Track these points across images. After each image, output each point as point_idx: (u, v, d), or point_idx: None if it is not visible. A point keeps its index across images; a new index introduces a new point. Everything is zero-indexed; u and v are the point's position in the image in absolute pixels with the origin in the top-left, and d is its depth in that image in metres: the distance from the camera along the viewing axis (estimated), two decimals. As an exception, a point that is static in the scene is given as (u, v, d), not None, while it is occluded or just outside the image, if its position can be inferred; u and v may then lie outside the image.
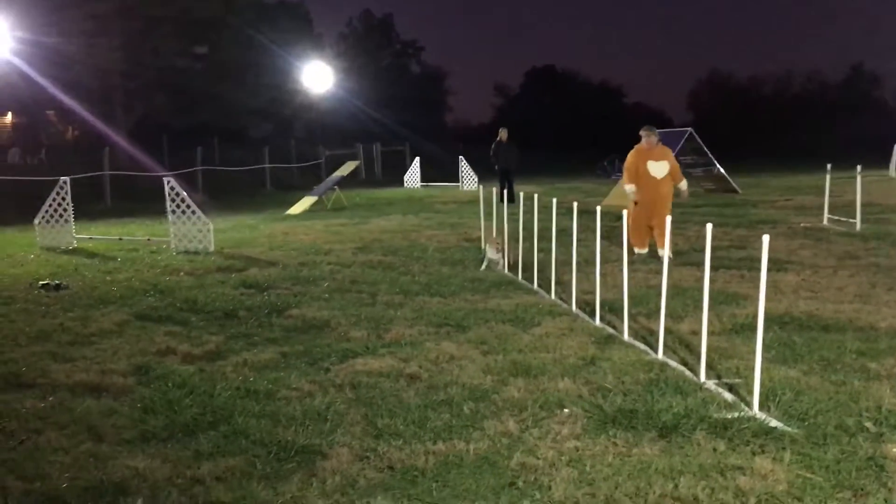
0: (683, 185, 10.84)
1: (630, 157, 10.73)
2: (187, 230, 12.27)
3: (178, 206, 12.28)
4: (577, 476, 3.77)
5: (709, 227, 5.24)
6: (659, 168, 10.47)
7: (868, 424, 4.27)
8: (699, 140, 20.63)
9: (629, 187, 10.60)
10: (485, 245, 9.50)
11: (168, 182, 12.39)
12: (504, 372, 5.44)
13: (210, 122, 37.59)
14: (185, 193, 12.37)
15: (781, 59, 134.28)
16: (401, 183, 31.79)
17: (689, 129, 20.84)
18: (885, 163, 29.63)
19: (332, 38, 61.72)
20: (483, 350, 6.05)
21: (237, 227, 16.36)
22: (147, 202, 19.38)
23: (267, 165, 31.25)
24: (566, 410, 4.60)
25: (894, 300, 7.43)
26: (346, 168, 23.30)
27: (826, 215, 14.13)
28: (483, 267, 9.32)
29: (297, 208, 20.05)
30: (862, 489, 3.55)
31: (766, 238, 4.53)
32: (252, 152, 32.73)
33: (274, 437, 4.34)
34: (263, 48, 39.68)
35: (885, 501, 3.43)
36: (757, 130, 61.89)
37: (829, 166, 14.75)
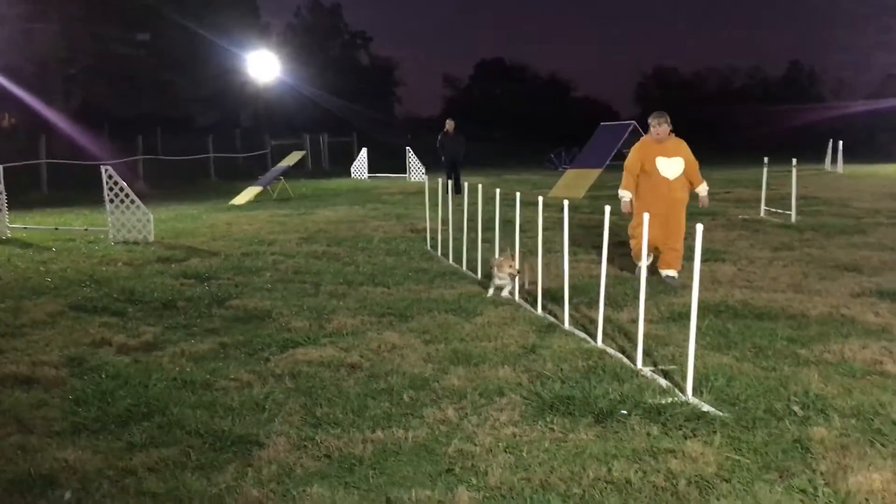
0: (703, 188, 8.37)
1: (633, 152, 8.28)
2: (126, 220, 12.00)
3: (116, 196, 12.00)
4: (514, 461, 3.81)
5: (645, 216, 5.33)
6: (672, 166, 8.04)
7: (796, 408, 4.40)
8: (642, 133, 20.92)
9: (624, 194, 8.25)
10: (493, 266, 7.60)
11: (106, 170, 12.09)
12: (445, 361, 5.46)
13: (154, 110, 36.79)
14: (123, 182, 12.10)
15: (724, 54, 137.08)
16: (348, 174, 31.61)
17: (633, 121, 21.12)
18: (822, 157, 30.51)
19: (279, 28, 60.91)
20: (425, 339, 6.06)
21: (179, 217, 16.07)
22: (86, 191, 18.90)
23: (211, 155, 30.75)
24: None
25: (825, 289, 7.66)
26: (293, 158, 23.06)
27: (763, 207, 14.49)
28: (490, 293, 7.54)
29: (242, 198, 19.77)
30: (787, 470, 3.66)
31: (699, 227, 4.61)
32: (197, 141, 32.15)
33: (210, 427, 4.29)
34: (208, 37, 38.94)
35: (810, 482, 3.53)
36: (701, 124, 63.01)
37: (766, 160, 15.14)
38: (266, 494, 3.50)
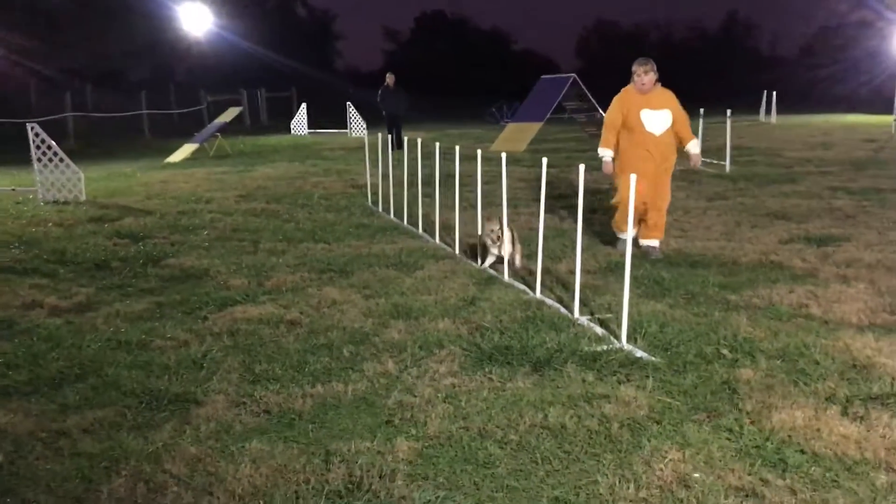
0: (695, 145, 7.38)
1: (613, 105, 7.22)
2: (55, 179, 11.64)
3: (44, 154, 11.60)
4: (453, 411, 3.86)
5: (581, 167, 5.38)
6: (658, 119, 7.04)
7: (724, 351, 4.55)
8: (583, 86, 21.00)
9: (605, 152, 7.25)
10: (481, 232, 6.91)
11: (32, 128, 11.66)
12: (385, 315, 5.48)
13: (82, 65, 35.44)
14: (52, 141, 11.69)
15: (663, 7, 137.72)
16: (287, 130, 31.08)
17: (573, 74, 21.18)
18: (758, 108, 31.13)
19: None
20: (365, 294, 6.06)
21: (112, 175, 15.64)
22: (12, 150, 18.22)
23: (144, 111, 29.87)
24: None
25: (756, 237, 7.89)
26: (230, 114, 22.53)
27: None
28: (485, 264, 6.80)
29: (177, 156, 19.32)
30: (715, 410, 3.80)
31: (633, 177, 4.69)
32: (129, 97, 31.15)
33: (146, 386, 4.24)
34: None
35: (736, 421, 3.67)
36: (641, 77, 63.53)
37: (701, 111, 15.36)
38: (204, 451, 3.49)
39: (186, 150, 19.82)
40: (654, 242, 7.24)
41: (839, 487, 3.08)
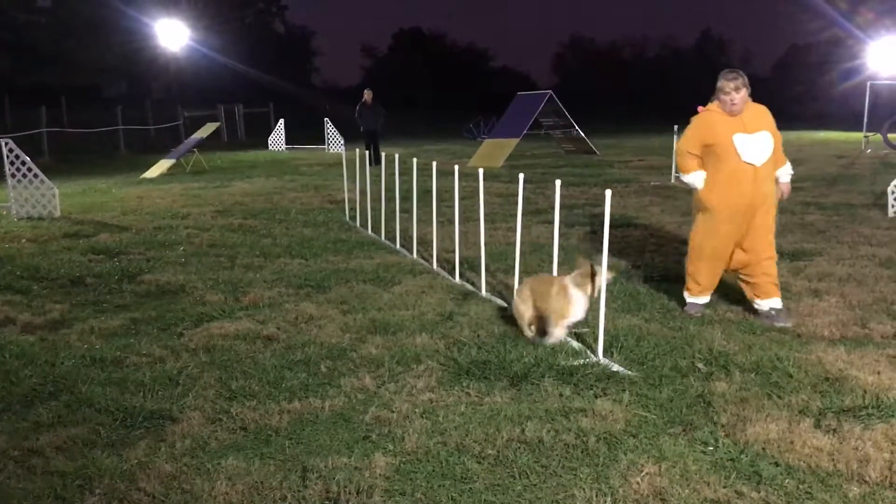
0: (785, 172, 5.69)
1: (693, 127, 5.63)
2: (30, 195, 11.52)
3: (17, 170, 11.48)
4: (430, 426, 3.86)
5: (557, 183, 5.43)
6: (758, 146, 5.39)
7: (700, 365, 4.59)
8: (559, 102, 21.19)
9: (696, 177, 5.57)
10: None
11: (6, 144, 11.55)
12: (363, 330, 5.47)
13: (58, 80, 35.18)
14: (25, 157, 11.58)
15: (638, 24, 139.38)
16: (265, 145, 30.97)
17: (550, 91, 21.36)
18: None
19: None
20: (343, 309, 6.05)
21: (87, 191, 15.50)
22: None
23: (121, 127, 29.66)
24: None
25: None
26: (207, 129, 22.45)
27: (674, 174, 14.90)
28: (552, 339, 5.05)
29: (154, 171, 19.18)
30: (691, 423, 3.83)
31: (608, 192, 4.74)
32: (105, 113, 30.91)
33: (121, 404, 4.20)
34: (115, 3, 37.38)
35: (711, 434, 3.70)
36: (616, 93, 64.28)
37: (675, 128, 15.53)
38: (179, 469, 3.46)
39: (163, 165, 19.70)
40: (777, 303, 5.55)
41: (813, 499, 3.12)
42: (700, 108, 5.59)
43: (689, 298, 5.78)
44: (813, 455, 3.44)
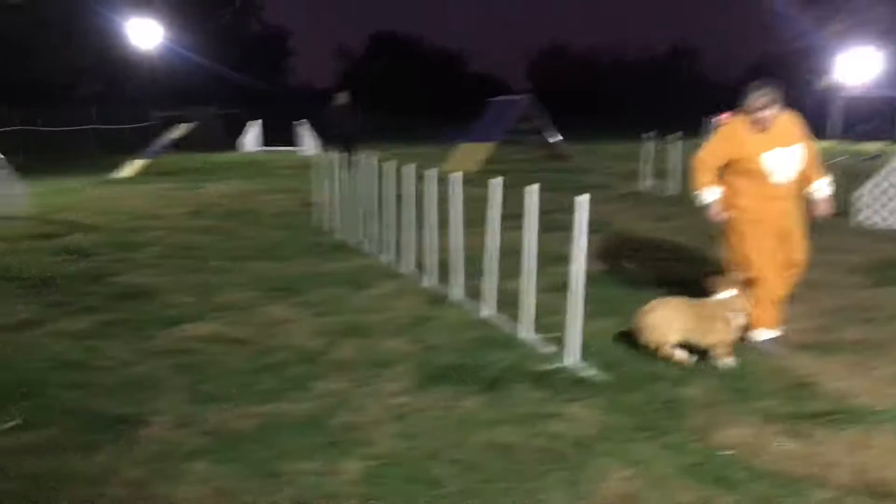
0: (824, 186, 5.22)
1: (717, 141, 5.24)
2: (0, 193, 11.35)
3: (-13, 168, 11.33)
4: (401, 431, 3.85)
5: (534, 187, 5.44)
6: (788, 161, 5.01)
7: (670, 370, 4.62)
8: (536, 107, 21.27)
9: (710, 193, 5.24)
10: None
11: (-26, 142, 11.38)
12: (335, 333, 5.45)
13: (31, 79, 34.68)
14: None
15: (613, 31, 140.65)
16: (240, 147, 30.78)
17: (525, 96, 21.45)
18: (702, 131, 31.85)
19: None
20: (315, 313, 6.02)
21: (60, 191, 15.31)
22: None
23: (94, 126, 29.31)
24: None
25: (700, 257, 8.04)
26: (180, 130, 22.26)
27: (647, 180, 15.02)
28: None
29: (127, 171, 18.99)
30: (661, 428, 3.85)
31: (585, 197, 4.77)
32: (78, 112, 30.54)
33: (89, 407, 4.15)
34: (89, 2, 36.94)
35: (682, 438, 3.73)
36: (594, 99, 64.70)
37: (649, 134, 15.68)
38: (147, 473, 3.42)
39: (137, 165, 19.51)
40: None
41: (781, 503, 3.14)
42: (723, 116, 5.26)
43: (763, 335, 5.06)
44: (780, 460, 3.48)
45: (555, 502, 3.16)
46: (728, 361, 4.70)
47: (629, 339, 5.24)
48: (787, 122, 5.06)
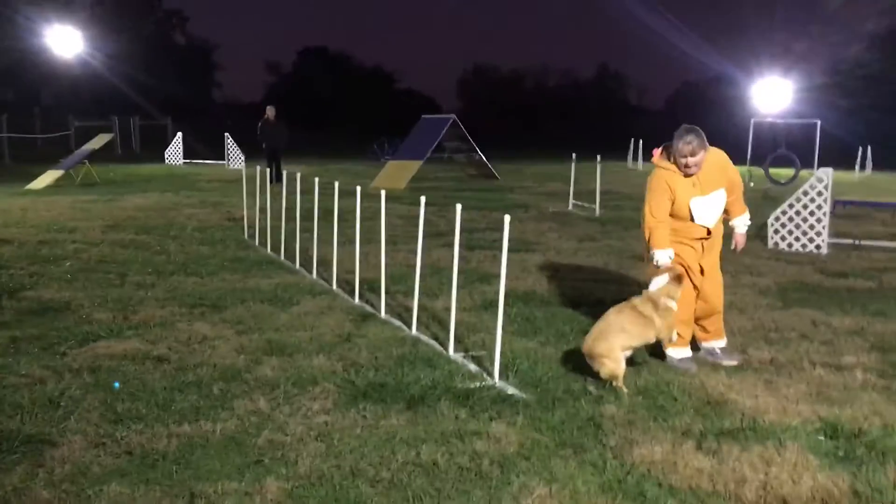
0: (743, 222, 5.61)
1: (657, 193, 5.24)
2: None
3: None
4: (325, 450, 3.82)
5: (458, 207, 5.49)
6: (712, 207, 5.27)
7: (591, 388, 4.72)
8: (462, 127, 21.48)
9: (664, 255, 5.19)
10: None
11: None
12: (258, 351, 5.37)
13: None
14: None
15: (539, 54, 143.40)
16: (161, 159, 30.08)
17: (453, 115, 21.64)
18: (626, 155, 32.73)
19: (86, 1, 56.75)
20: (238, 330, 5.93)
21: (-34, 201, 14.66)
22: None
23: (5, 135, 28.21)
24: None
25: (622, 277, 8.25)
26: (99, 140, 21.59)
27: (571, 201, 15.33)
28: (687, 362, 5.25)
29: (40, 182, 18.32)
30: (581, 446, 3.93)
31: (507, 218, 4.84)
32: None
33: (-4, 427, 3.97)
34: (2, 6, 35.62)
35: (600, 455, 3.81)
36: (519, 120, 65.76)
37: (573, 156, 16.02)
38: (58, 496, 3.30)
39: (50, 176, 18.84)
40: (723, 343, 5.58)
41: (693, 518, 3.24)
42: (655, 153, 5.40)
43: (678, 354, 5.33)
44: (694, 476, 3.59)
45: (477, 520, 3.18)
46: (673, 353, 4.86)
47: (551, 357, 5.33)
48: (713, 165, 5.22)
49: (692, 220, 5.22)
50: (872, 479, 3.57)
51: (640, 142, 31.46)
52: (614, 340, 4.77)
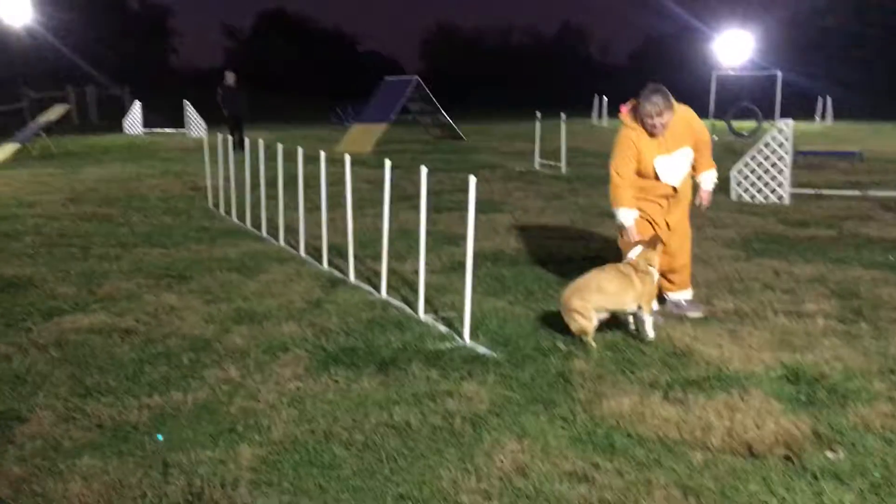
0: (710, 178, 5.65)
1: (622, 153, 5.29)
2: None
3: None
4: (297, 415, 3.84)
5: (423, 169, 5.48)
6: (677, 166, 5.34)
7: (560, 345, 4.78)
8: (426, 88, 21.31)
9: (628, 214, 5.30)
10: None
11: None
12: (228, 320, 5.36)
13: None
14: None
15: (501, 12, 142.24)
16: (120, 129, 29.49)
17: (416, 76, 21.45)
18: (591, 112, 32.77)
19: (33, -33, 54.90)
20: (206, 299, 5.89)
21: (-80, 178, 14.29)
22: None
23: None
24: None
25: (589, 234, 8.32)
26: (55, 112, 21.13)
27: (538, 160, 15.35)
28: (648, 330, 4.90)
29: (-4, 157, 17.90)
30: (551, 401, 3.99)
31: (472, 179, 4.84)
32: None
33: (-38, 406, 3.93)
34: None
35: (570, 410, 3.87)
36: (483, 80, 65.33)
37: (538, 114, 15.99)
38: (30, 470, 3.28)
39: (6, 150, 18.41)
40: (689, 294, 5.66)
41: (661, 467, 3.32)
42: (623, 109, 5.38)
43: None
44: (661, 425, 3.67)
45: (449, 478, 3.22)
46: (650, 332, 4.84)
47: (520, 316, 5.38)
48: (679, 124, 5.25)
49: (657, 178, 5.30)
50: (833, 421, 3.68)
51: (605, 98, 31.49)
52: (589, 298, 4.80)
